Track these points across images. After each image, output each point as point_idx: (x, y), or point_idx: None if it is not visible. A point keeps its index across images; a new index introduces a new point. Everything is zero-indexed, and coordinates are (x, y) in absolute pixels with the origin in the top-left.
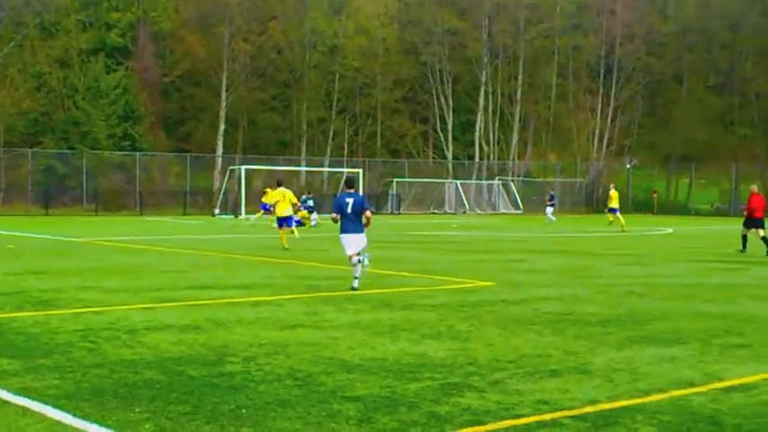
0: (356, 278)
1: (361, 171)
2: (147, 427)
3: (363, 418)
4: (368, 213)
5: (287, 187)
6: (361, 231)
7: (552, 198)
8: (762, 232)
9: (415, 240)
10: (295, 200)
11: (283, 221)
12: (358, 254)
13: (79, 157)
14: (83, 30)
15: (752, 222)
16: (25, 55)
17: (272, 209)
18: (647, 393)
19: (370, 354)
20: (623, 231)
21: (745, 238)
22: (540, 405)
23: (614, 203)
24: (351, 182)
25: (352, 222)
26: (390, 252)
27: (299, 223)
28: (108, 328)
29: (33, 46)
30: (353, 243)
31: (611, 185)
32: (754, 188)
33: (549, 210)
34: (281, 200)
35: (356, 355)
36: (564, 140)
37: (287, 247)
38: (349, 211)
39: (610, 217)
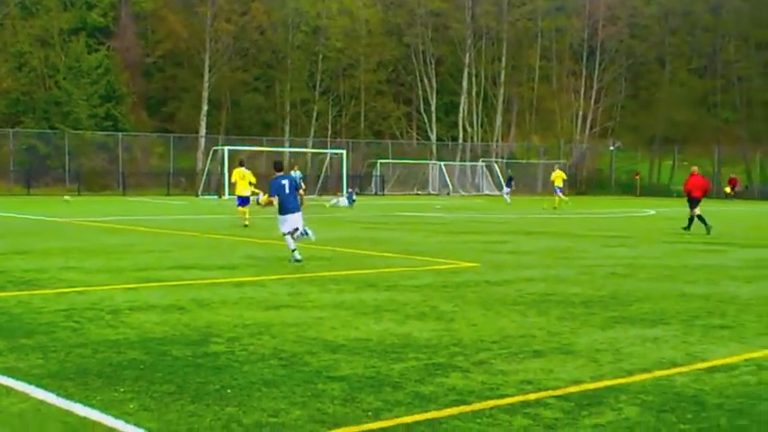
0: (294, 250)
1: (344, 152)
2: (131, 406)
3: (348, 398)
4: (301, 191)
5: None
6: (299, 210)
7: (510, 180)
8: (697, 211)
9: (399, 221)
10: (254, 180)
11: (242, 201)
12: (296, 229)
13: (61, 136)
14: (64, 9)
15: (690, 202)
16: (6, 34)
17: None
18: (630, 373)
19: (354, 334)
20: (554, 209)
21: (692, 218)
22: (524, 385)
23: (558, 183)
24: (279, 165)
25: (291, 202)
26: (374, 233)
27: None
28: (91, 308)
29: (14, 25)
30: (294, 221)
31: (556, 166)
32: (695, 169)
33: (506, 190)
34: (240, 180)
35: (340, 335)
36: (547, 122)
37: (247, 224)
38: (287, 191)
39: (557, 199)
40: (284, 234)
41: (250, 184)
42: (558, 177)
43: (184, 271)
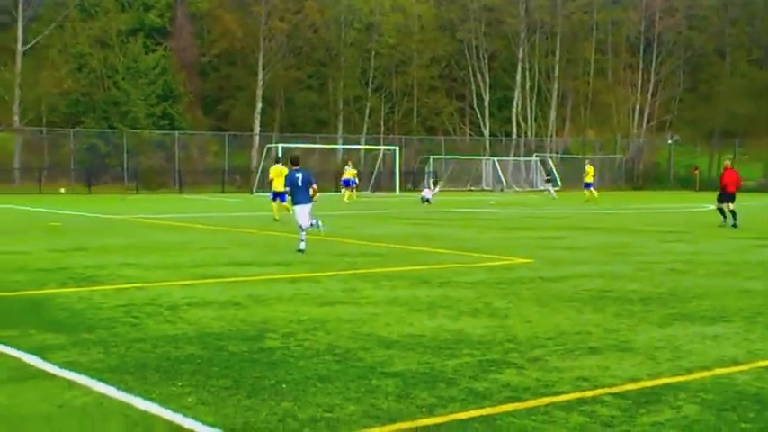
0: (303, 241)
1: (397, 149)
2: (189, 400)
3: (402, 394)
4: (314, 187)
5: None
6: (309, 202)
7: (550, 174)
8: (732, 206)
9: (452, 217)
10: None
11: (277, 196)
12: (308, 221)
13: (120, 136)
14: (122, 10)
15: (725, 197)
16: (66, 36)
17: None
18: (689, 371)
19: (407, 330)
20: (596, 205)
21: (721, 210)
22: (580, 382)
23: (589, 179)
24: (296, 160)
25: (302, 195)
26: (427, 229)
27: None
28: (150, 303)
29: (74, 27)
30: (304, 212)
31: (587, 161)
32: (728, 164)
33: (548, 186)
34: (278, 177)
35: (394, 331)
36: (603, 116)
37: (277, 218)
38: (300, 184)
39: (586, 193)
40: (300, 226)
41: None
42: (589, 173)
43: (240, 267)
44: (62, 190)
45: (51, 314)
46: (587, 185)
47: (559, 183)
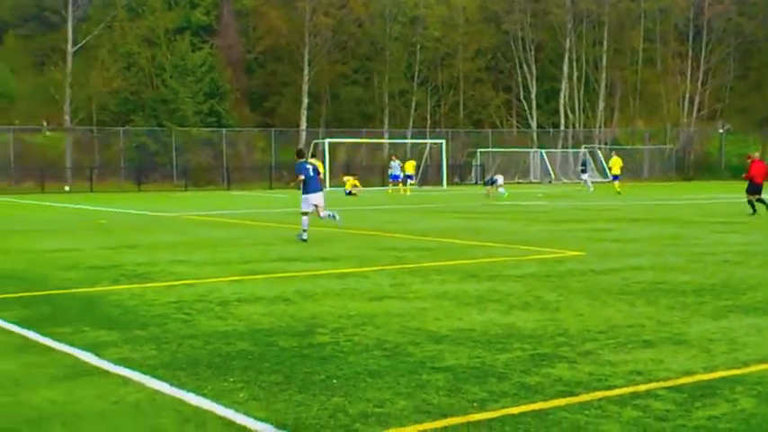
0: (305, 230)
1: (444, 142)
2: (241, 396)
3: (453, 389)
4: (320, 176)
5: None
6: (321, 190)
7: (584, 164)
8: (763, 196)
9: (500, 210)
10: (322, 169)
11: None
12: (316, 206)
13: (168, 134)
14: (168, 9)
15: (754, 188)
16: (115, 36)
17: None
18: (746, 364)
19: (457, 324)
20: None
21: (751, 202)
22: (633, 376)
23: (616, 170)
24: (302, 153)
25: (314, 184)
26: (475, 222)
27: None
28: (200, 300)
29: (122, 27)
30: (316, 199)
31: (613, 152)
32: (756, 155)
33: (585, 176)
34: None
35: (443, 325)
36: (652, 106)
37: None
38: (311, 174)
39: (616, 185)
40: (303, 213)
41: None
42: (616, 164)
43: (288, 263)
44: (66, 188)
45: (104, 311)
46: (615, 177)
47: (609, 174)
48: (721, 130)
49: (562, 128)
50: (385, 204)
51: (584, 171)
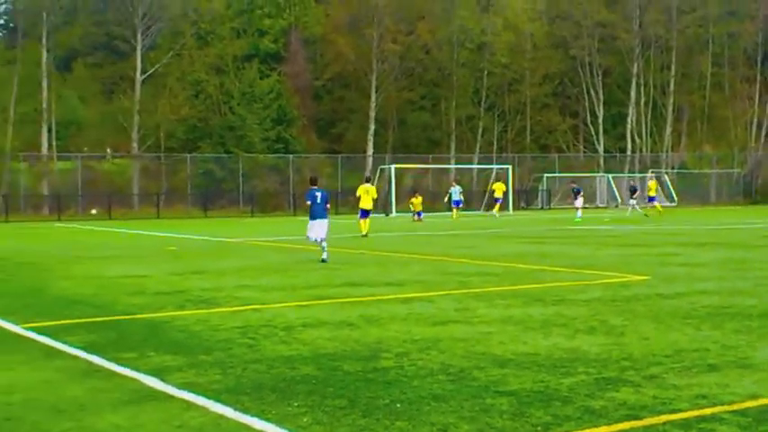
0: (325, 251)
1: (510, 167)
2: (305, 420)
3: (517, 413)
4: (327, 206)
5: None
6: (326, 217)
7: (634, 190)
8: None
9: (566, 235)
10: (376, 195)
11: (365, 213)
12: (323, 239)
13: (235, 160)
14: (237, 37)
15: None
16: (183, 64)
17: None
18: None
19: (522, 348)
20: (646, 216)
21: None
22: (698, 400)
23: (652, 192)
24: (314, 180)
25: (319, 211)
26: (541, 247)
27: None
28: (265, 324)
29: (191, 55)
30: (320, 226)
31: (650, 176)
32: None
33: (632, 202)
34: (365, 194)
35: (508, 350)
36: (720, 130)
37: (365, 233)
38: (318, 201)
39: (658, 206)
40: (313, 241)
41: (373, 199)
42: (653, 187)
43: (353, 288)
44: (93, 211)
45: (169, 336)
46: (651, 199)
47: (676, 198)
48: None
49: (629, 152)
50: (450, 230)
51: (633, 197)
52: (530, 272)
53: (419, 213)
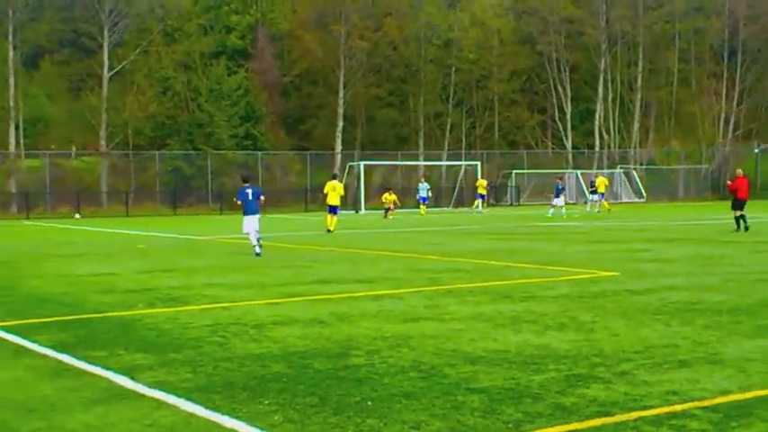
0: (257, 245)
1: (479, 163)
2: (276, 418)
3: (488, 410)
4: (261, 198)
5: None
6: (258, 212)
7: (592, 185)
8: (740, 212)
9: (536, 231)
10: (343, 192)
11: (332, 209)
12: (257, 231)
13: (204, 157)
14: (204, 33)
15: (737, 204)
16: (150, 60)
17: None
18: None
19: (492, 345)
20: (597, 212)
21: (737, 218)
22: (669, 396)
23: (602, 189)
24: (246, 178)
25: (252, 207)
26: (510, 243)
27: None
28: (236, 323)
29: (158, 51)
30: (254, 221)
31: (598, 173)
32: (740, 172)
33: (593, 198)
34: (332, 191)
35: (479, 346)
36: (688, 126)
37: (332, 230)
38: (250, 198)
39: (605, 204)
40: (246, 233)
41: (340, 195)
42: (602, 184)
43: (324, 285)
44: (77, 215)
45: (140, 334)
46: (601, 196)
47: (644, 194)
48: (757, 150)
49: (597, 149)
50: (420, 226)
51: (593, 192)
52: (499, 268)
53: (387, 210)
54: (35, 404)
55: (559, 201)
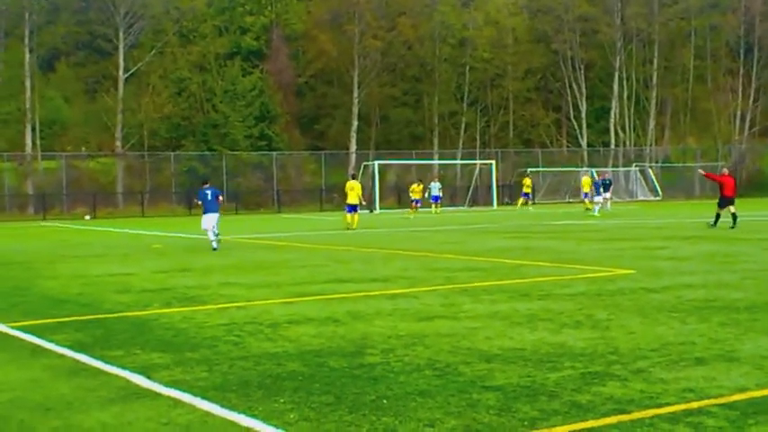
0: (214, 241)
1: (494, 162)
2: (291, 416)
3: (503, 408)
4: (220, 198)
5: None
6: (217, 211)
7: (597, 186)
8: (732, 209)
9: (551, 230)
10: (360, 192)
11: (351, 208)
12: (214, 227)
13: (219, 158)
14: (219, 35)
15: (724, 201)
16: (166, 62)
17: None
18: None
19: (508, 344)
20: (587, 211)
21: (718, 216)
22: (685, 393)
23: (586, 189)
24: (206, 181)
25: (211, 206)
26: (526, 242)
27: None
28: (251, 322)
29: (173, 52)
30: (211, 219)
31: (585, 172)
32: (725, 171)
33: (598, 198)
34: (350, 190)
35: (494, 345)
36: (703, 123)
37: (354, 228)
38: (209, 198)
39: (587, 203)
40: (205, 230)
41: (359, 195)
42: (586, 183)
43: (339, 284)
44: (87, 217)
45: (156, 334)
46: (585, 195)
47: (660, 192)
48: None
49: (612, 146)
50: (435, 225)
51: (601, 191)
52: (515, 267)
53: (418, 201)
54: (52, 403)
55: (607, 194)
